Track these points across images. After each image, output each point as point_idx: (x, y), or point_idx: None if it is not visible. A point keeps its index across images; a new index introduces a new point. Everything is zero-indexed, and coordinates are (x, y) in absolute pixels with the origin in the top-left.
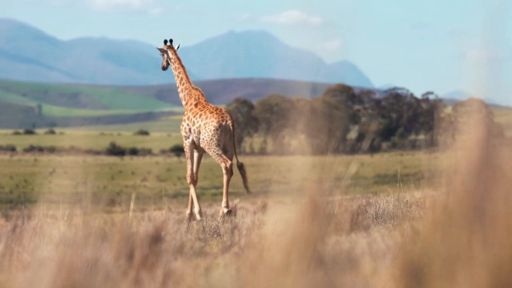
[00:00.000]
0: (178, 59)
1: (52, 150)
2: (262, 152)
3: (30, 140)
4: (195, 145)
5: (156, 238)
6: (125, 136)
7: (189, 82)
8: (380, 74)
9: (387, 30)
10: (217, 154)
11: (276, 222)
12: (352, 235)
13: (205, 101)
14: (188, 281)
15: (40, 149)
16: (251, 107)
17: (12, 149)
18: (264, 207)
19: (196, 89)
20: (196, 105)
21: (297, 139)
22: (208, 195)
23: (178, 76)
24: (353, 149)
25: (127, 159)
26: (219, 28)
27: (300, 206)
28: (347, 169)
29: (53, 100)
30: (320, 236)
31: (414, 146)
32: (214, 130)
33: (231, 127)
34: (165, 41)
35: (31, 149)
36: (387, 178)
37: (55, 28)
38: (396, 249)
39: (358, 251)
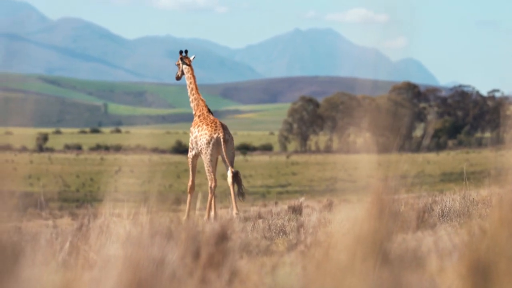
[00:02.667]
0: (192, 69)
1: (118, 148)
2: (328, 150)
3: (96, 139)
4: (197, 157)
5: (222, 237)
6: None
7: (198, 92)
8: (445, 72)
9: (452, 27)
10: (208, 170)
11: (342, 220)
12: (418, 233)
13: (207, 112)
14: (254, 280)
15: (106, 148)
16: (316, 105)
17: (78, 148)
18: (330, 205)
19: (203, 100)
20: (199, 116)
21: (362, 137)
22: (273, 193)
23: (189, 86)
24: (419, 147)
25: None
26: (285, 26)
27: (366, 204)
28: (413, 167)
29: (118, 99)
30: (386, 235)
31: (480, 143)
32: (206, 144)
33: (221, 140)
34: (181, 52)
35: (97, 148)
36: (453, 176)
37: (120, 27)
38: (462, 247)
39: (424, 249)
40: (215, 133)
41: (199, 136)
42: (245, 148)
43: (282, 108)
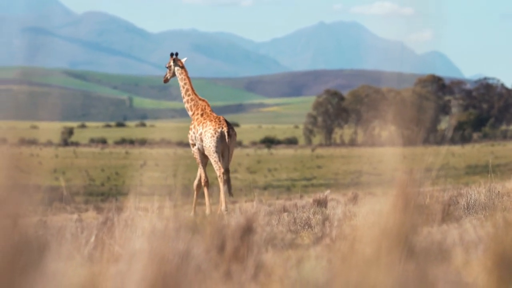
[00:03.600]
0: (185, 71)
1: (143, 142)
2: (353, 143)
3: (121, 132)
4: (201, 152)
5: (247, 230)
6: None
7: (194, 93)
8: (470, 64)
9: (477, 20)
10: (215, 160)
11: (367, 213)
12: (443, 226)
13: (210, 111)
14: (279, 273)
15: (131, 142)
16: (341, 98)
17: (103, 141)
18: (355, 198)
19: (203, 100)
20: (202, 115)
21: (387, 130)
22: (298, 186)
23: (184, 87)
24: (444, 140)
25: None
26: (309, 19)
27: (391, 198)
28: (438, 160)
29: (143, 93)
30: (412, 227)
31: (505, 136)
32: (211, 137)
33: (226, 134)
34: (172, 54)
35: (122, 141)
36: (478, 169)
37: (145, 21)
38: (488, 240)
39: (450, 242)
40: (219, 128)
41: (204, 132)
42: (270, 142)
43: (307, 101)
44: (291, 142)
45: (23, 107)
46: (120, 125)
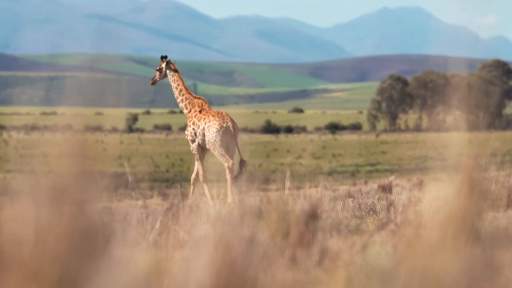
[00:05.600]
0: (177, 71)
1: None
2: (417, 128)
3: (185, 119)
4: (201, 147)
5: (312, 216)
6: (280, 114)
7: (188, 92)
8: None
9: None
10: (221, 154)
11: (432, 199)
12: (509, 211)
13: (208, 107)
14: (344, 259)
15: None
16: (405, 83)
17: (168, 128)
18: (420, 184)
19: (199, 98)
20: (200, 111)
21: (452, 115)
22: (363, 172)
23: (177, 88)
24: (509, 125)
25: (282, 137)
26: (373, 4)
27: (456, 183)
28: (503, 145)
29: (208, 79)
30: (477, 213)
31: None
32: (216, 132)
33: (231, 128)
34: (162, 57)
35: (186, 128)
36: None
37: (210, 7)
38: None
39: None
40: (224, 123)
41: (207, 127)
42: (334, 127)
43: (371, 86)
44: (356, 127)
45: (88, 94)
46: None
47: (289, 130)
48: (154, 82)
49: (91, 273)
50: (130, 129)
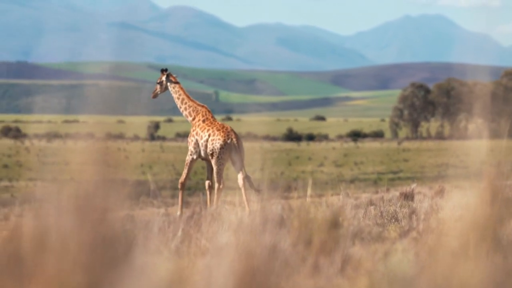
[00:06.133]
0: (178, 83)
1: None
2: (439, 136)
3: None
4: (201, 158)
5: (334, 224)
6: (302, 122)
7: (191, 100)
8: None
9: None
10: (218, 172)
11: (454, 206)
12: None
13: (212, 117)
14: (366, 266)
15: None
16: (427, 91)
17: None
18: (441, 192)
19: (203, 106)
20: (203, 121)
21: (474, 123)
22: (385, 180)
23: (179, 98)
24: None
25: (303, 144)
26: (395, 12)
27: (478, 191)
28: None
29: (230, 87)
30: (499, 220)
31: None
32: (219, 148)
33: (235, 144)
34: (163, 70)
35: None
36: None
37: (232, 15)
38: None
39: None
40: (228, 139)
41: (211, 140)
42: (356, 135)
43: (392, 94)
44: (378, 135)
45: (110, 102)
46: None
47: (311, 138)
48: (155, 96)
49: (114, 281)
50: (152, 137)
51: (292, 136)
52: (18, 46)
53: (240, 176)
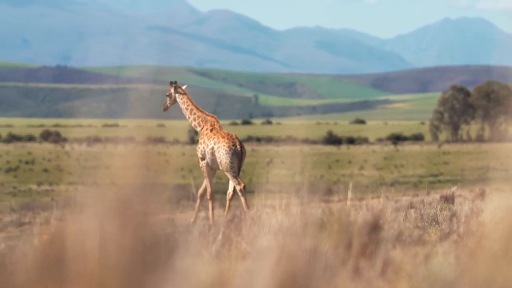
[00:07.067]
0: (186, 94)
1: (269, 140)
2: (479, 139)
3: (247, 130)
4: (209, 166)
5: (374, 227)
6: (342, 125)
7: (200, 110)
8: None
9: None
10: (233, 176)
11: (494, 209)
12: None
13: (219, 127)
14: (407, 269)
15: (258, 139)
16: (467, 94)
17: None
18: (482, 194)
19: (212, 116)
20: (211, 130)
21: None
22: (425, 183)
23: (187, 109)
24: None
25: (344, 148)
26: (434, 15)
27: None
28: None
29: (269, 90)
30: None
31: None
32: (226, 153)
33: (239, 152)
34: (171, 82)
35: (248, 139)
36: None
37: (271, 19)
38: None
39: None
40: (233, 146)
41: (217, 148)
42: (396, 138)
43: (432, 97)
44: (418, 138)
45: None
46: (246, 123)
47: (351, 141)
48: (165, 108)
49: (155, 284)
50: (192, 141)
51: (332, 140)
52: (58, 51)
53: (231, 187)
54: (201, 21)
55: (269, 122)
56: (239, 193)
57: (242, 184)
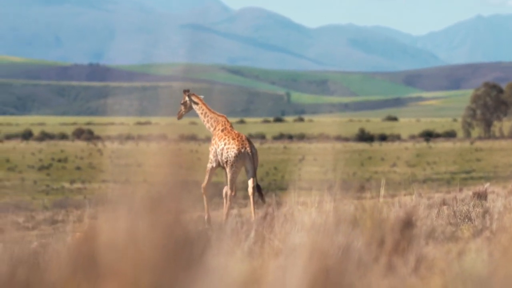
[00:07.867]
0: (201, 100)
1: (301, 137)
2: None
3: (279, 127)
4: (219, 165)
5: (407, 224)
6: (374, 122)
7: (212, 112)
8: None
9: None
10: (231, 180)
11: None
12: None
13: (230, 127)
14: (440, 266)
15: (290, 137)
16: (500, 91)
17: (262, 137)
18: None
19: (222, 116)
20: (222, 130)
21: None
22: (458, 179)
23: (202, 113)
24: None
25: (376, 145)
26: (467, 12)
27: None
28: None
29: (301, 88)
30: None
31: None
32: (234, 157)
33: (249, 153)
34: (185, 91)
35: (280, 136)
36: None
37: (302, 16)
38: None
39: None
40: (242, 148)
41: (226, 149)
42: (429, 135)
43: (465, 94)
44: (450, 135)
45: None
46: (278, 120)
47: (383, 138)
48: (180, 117)
49: (187, 282)
50: None
51: (364, 137)
52: (90, 49)
53: (250, 184)
54: (232, 19)
55: (301, 120)
56: (227, 198)
57: (234, 193)
